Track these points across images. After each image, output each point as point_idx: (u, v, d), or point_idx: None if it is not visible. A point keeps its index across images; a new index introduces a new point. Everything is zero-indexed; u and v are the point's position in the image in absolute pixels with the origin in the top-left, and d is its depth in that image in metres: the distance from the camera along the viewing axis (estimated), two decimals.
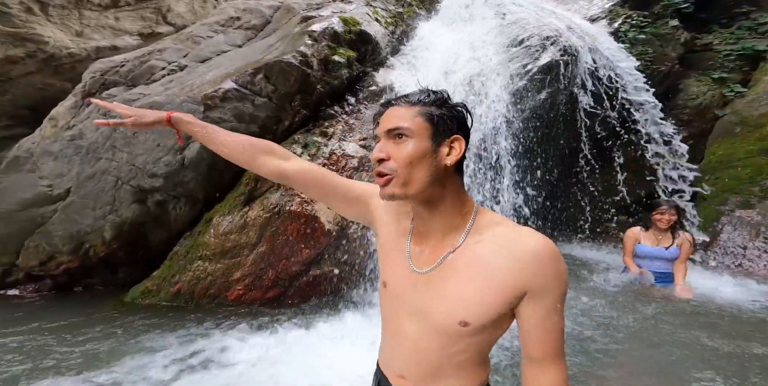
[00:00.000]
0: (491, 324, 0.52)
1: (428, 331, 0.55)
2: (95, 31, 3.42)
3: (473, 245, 0.54)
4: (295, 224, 2.25)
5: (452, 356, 0.55)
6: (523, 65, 3.14)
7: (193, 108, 2.07)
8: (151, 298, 2.16)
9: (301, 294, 2.28)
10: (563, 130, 3.29)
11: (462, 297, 0.53)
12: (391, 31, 3.68)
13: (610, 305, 2.02)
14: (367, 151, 2.66)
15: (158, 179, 2.06)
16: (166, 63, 2.52)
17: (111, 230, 2.09)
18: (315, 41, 2.80)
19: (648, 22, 3.68)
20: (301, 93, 2.62)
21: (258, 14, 3.20)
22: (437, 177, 0.53)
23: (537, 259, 0.50)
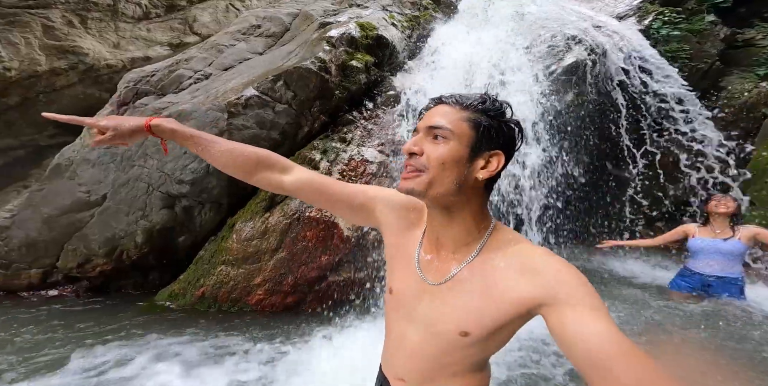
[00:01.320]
0: (490, 336, 0.51)
1: (429, 339, 0.55)
2: (130, 42, 3.52)
3: (484, 262, 0.52)
4: (314, 231, 2.19)
5: (450, 364, 0.54)
6: (547, 66, 2.94)
7: (218, 115, 2.05)
8: (178, 301, 2.18)
9: (319, 300, 2.23)
10: (592, 133, 3.05)
11: (466, 309, 0.51)
12: (408, 35, 3.56)
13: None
14: (385, 156, 2.56)
15: (185, 186, 2.06)
16: (192, 72, 2.53)
17: (142, 234, 2.12)
18: (333, 47, 2.73)
19: (682, 18, 3.35)
20: (320, 99, 2.56)
21: (277, 22, 3.17)
22: (464, 187, 0.50)
23: (546, 271, 0.47)
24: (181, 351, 1.63)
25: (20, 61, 3.02)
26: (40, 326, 1.84)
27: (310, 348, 1.67)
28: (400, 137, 2.63)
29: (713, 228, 2.00)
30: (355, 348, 1.63)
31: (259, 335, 1.82)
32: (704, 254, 1.99)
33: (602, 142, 3.10)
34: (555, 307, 0.44)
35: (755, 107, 3.18)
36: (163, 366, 1.49)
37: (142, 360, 1.53)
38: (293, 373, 1.47)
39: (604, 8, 3.75)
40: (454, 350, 0.53)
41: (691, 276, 2.05)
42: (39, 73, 3.11)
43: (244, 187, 2.29)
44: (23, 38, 2.97)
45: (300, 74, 2.46)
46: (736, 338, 1.59)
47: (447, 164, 0.48)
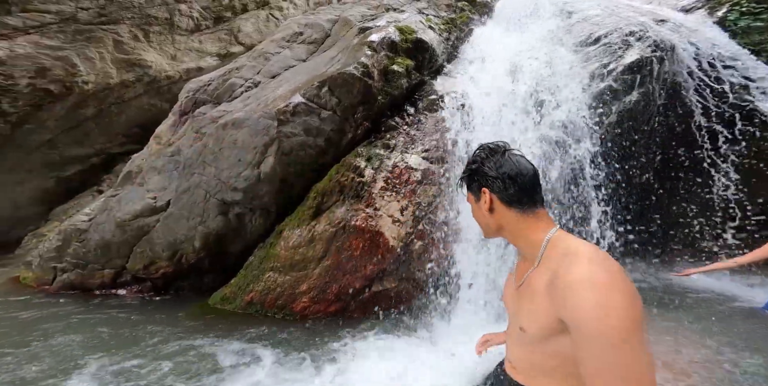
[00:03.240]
0: (546, 339, 0.56)
1: (516, 335, 0.64)
2: (185, 54, 3.61)
3: (539, 273, 0.58)
4: (359, 240, 2.06)
5: (539, 361, 0.59)
6: (604, 65, 2.55)
7: (269, 123, 1.97)
8: (228, 305, 2.16)
9: (362, 309, 2.11)
10: (660, 134, 2.63)
11: (525, 309, 0.61)
12: (446, 37, 3.31)
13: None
14: (429, 163, 2.36)
15: (238, 193, 2.02)
16: (243, 80, 2.48)
17: (200, 239, 2.11)
18: (374, 51, 2.57)
19: (763, 8, 2.78)
20: (363, 104, 2.41)
21: (318, 28, 3.06)
22: (491, 221, 0.65)
23: (568, 289, 0.49)
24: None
25: (96, 74, 3.18)
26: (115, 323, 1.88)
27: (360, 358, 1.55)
28: (446, 142, 2.42)
29: None
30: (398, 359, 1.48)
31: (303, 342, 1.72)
32: None
33: (675, 145, 2.66)
34: (568, 326, 0.49)
35: None
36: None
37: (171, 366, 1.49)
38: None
39: (665, 2, 3.24)
40: (527, 345, 0.60)
41: None
42: (111, 85, 3.27)
43: (291, 194, 2.21)
44: (98, 53, 3.13)
45: (344, 80, 2.32)
46: None
47: (476, 216, 0.69)
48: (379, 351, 1.63)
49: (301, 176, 2.18)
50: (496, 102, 2.47)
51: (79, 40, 3.01)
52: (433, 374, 1.39)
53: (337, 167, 2.22)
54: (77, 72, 3.01)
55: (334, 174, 2.18)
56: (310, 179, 2.25)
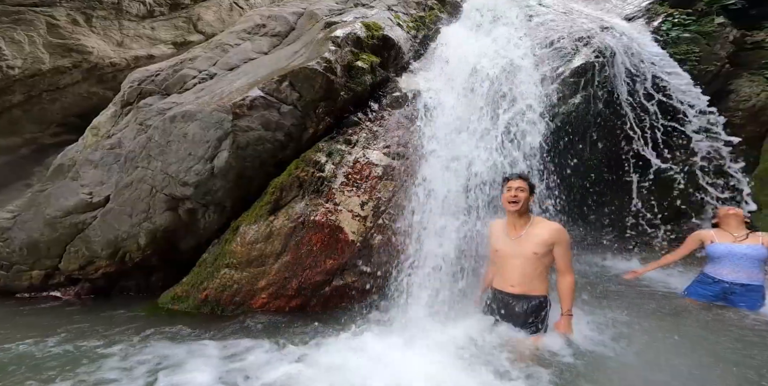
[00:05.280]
0: (544, 254, 1.61)
1: (523, 260, 1.62)
2: (134, 40, 3.45)
3: (532, 229, 1.65)
4: (319, 235, 2.14)
5: (533, 271, 1.61)
6: (554, 68, 2.85)
7: (223, 117, 1.99)
8: (180, 304, 2.12)
9: (323, 304, 2.18)
10: (599, 135, 2.98)
11: (531, 244, 1.62)
12: (413, 35, 3.47)
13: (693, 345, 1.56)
14: (390, 159, 2.49)
15: (189, 188, 2.00)
16: (197, 71, 2.46)
17: (145, 236, 2.06)
18: (338, 47, 2.65)
19: (692, 20, 3.26)
20: (325, 100, 2.49)
21: (282, 21, 3.09)
22: (527, 205, 1.69)
23: (558, 230, 1.62)
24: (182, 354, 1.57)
25: (23, 59, 2.95)
26: (40, 328, 1.78)
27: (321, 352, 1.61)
28: (408, 138, 2.55)
29: (731, 233, 1.89)
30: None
31: (269, 338, 1.75)
32: (729, 259, 1.86)
33: (609, 146, 3.02)
34: (557, 245, 1.60)
35: (763, 110, 3.10)
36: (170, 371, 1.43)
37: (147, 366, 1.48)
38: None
39: (612, 9, 3.65)
40: (533, 262, 1.60)
41: (712, 284, 1.91)
42: (43, 71, 3.05)
43: (248, 189, 2.23)
44: (27, 36, 2.91)
45: (306, 75, 2.39)
46: None
47: (524, 199, 1.66)
48: (334, 346, 1.67)
49: (260, 171, 2.22)
50: (457, 100, 2.66)
51: (6, 23, 2.78)
52: (385, 368, 1.45)
53: (297, 162, 2.28)
54: (1, 56, 2.78)
55: (294, 169, 2.24)
56: (269, 173, 2.29)
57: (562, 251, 1.57)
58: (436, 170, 2.34)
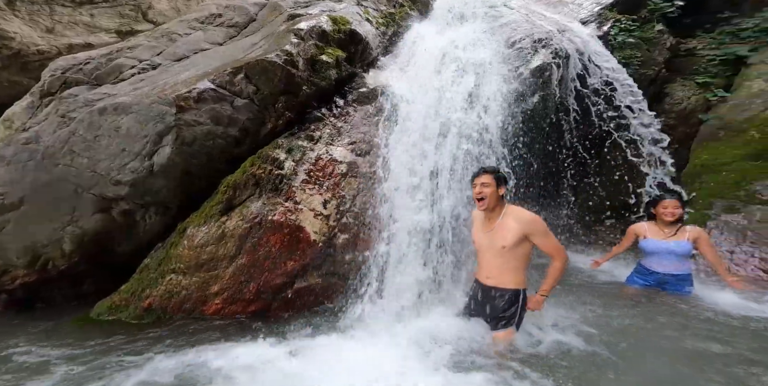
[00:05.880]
0: (514, 248, 1.58)
1: (494, 252, 1.63)
2: (68, 27, 3.08)
3: (504, 221, 1.63)
4: (278, 235, 2.02)
5: (505, 263, 1.61)
6: (515, 67, 2.96)
7: (164, 110, 1.81)
8: (119, 314, 1.91)
9: (286, 307, 2.07)
10: (555, 134, 3.13)
11: (500, 237, 1.61)
12: (383, 31, 3.44)
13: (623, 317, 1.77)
14: (356, 156, 2.43)
15: (123, 187, 1.80)
16: (137, 61, 2.23)
17: (71, 241, 1.82)
18: (301, 40, 2.55)
19: (636, 26, 3.54)
20: (285, 94, 2.38)
21: (242, 11, 2.92)
22: (496, 200, 1.66)
23: (528, 221, 1.59)
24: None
25: None
26: None
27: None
28: (374, 135, 2.51)
29: (662, 229, 2.06)
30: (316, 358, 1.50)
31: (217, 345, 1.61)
32: (658, 255, 2.05)
33: (561, 145, 3.19)
34: (533, 237, 1.58)
35: (693, 113, 3.44)
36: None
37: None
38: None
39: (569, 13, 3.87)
40: (503, 256, 1.60)
41: (648, 275, 2.10)
42: None
43: (197, 188, 2.06)
44: None
45: (263, 67, 2.26)
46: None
47: (491, 195, 1.65)
48: (300, 350, 1.60)
49: (210, 169, 2.06)
50: (422, 97, 2.66)
51: None
52: (348, 371, 1.40)
53: (253, 159, 2.15)
54: None
55: (249, 166, 2.10)
56: (222, 171, 2.13)
57: (541, 240, 1.56)
58: (402, 166, 2.33)
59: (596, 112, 3.02)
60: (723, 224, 2.74)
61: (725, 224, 2.73)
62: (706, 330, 1.69)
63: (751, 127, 3.05)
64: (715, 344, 1.56)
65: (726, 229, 2.70)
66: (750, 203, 2.75)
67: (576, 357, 1.50)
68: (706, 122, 3.31)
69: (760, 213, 2.67)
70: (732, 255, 2.61)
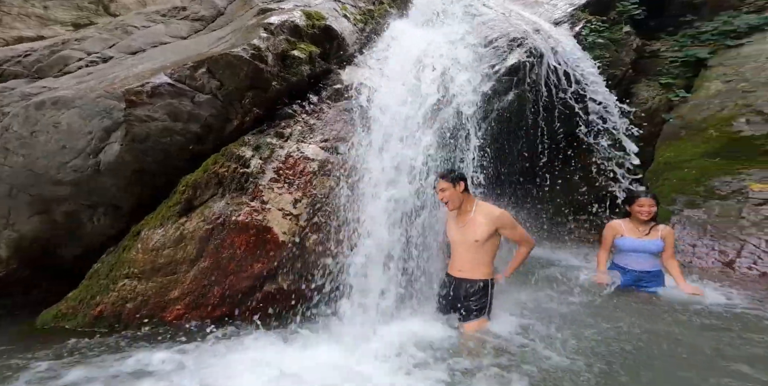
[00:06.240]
0: (485, 242, 1.70)
1: (467, 247, 1.73)
2: (17, 19, 2.84)
3: (475, 216, 1.73)
4: (243, 236, 1.92)
5: (477, 257, 1.71)
6: (492, 66, 2.97)
7: (112, 104, 1.67)
8: (67, 322, 1.77)
9: (254, 311, 1.97)
10: (529, 131, 3.17)
11: (472, 232, 1.70)
12: (360, 28, 3.38)
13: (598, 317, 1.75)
14: (328, 153, 2.36)
15: (65, 187, 1.65)
16: (85, 53, 2.07)
17: (7, 246, 1.65)
18: (271, 34, 2.45)
19: (605, 27, 3.65)
20: (253, 90, 2.27)
21: (208, 5, 2.79)
22: (459, 197, 1.75)
23: (497, 217, 1.70)
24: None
25: None
26: None
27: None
28: (347, 132, 2.44)
29: (637, 227, 2.09)
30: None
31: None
32: (634, 253, 2.08)
33: (538, 141, 3.23)
34: (502, 230, 1.73)
35: (657, 112, 3.58)
36: None
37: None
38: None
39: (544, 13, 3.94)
40: (476, 250, 1.70)
41: (625, 274, 2.11)
42: None
43: (153, 187, 1.93)
44: None
45: (228, 62, 2.15)
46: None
47: (451, 197, 1.73)
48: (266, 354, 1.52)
49: (168, 167, 1.93)
50: (399, 95, 2.62)
51: None
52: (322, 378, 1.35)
53: (216, 156, 2.04)
54: None
55: (211, 165, 1.99)
56: (183, 169, 2.01)
57: (510, 232, 1.72)
58: (377, 164, 2.27)
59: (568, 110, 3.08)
60: (685, 219, 2.85)
61: (687, 219, 2.85)
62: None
63: (709, 126, 3.21)
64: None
65: (688, 223, 2.82)
66: (709, 198, 2.88)
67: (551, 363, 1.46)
68: (668, 122, 3.46)
69: (718, 208, 2.80)
70: (694, 249, 2.72)
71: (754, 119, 3.10)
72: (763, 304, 1.97)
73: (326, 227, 2.10)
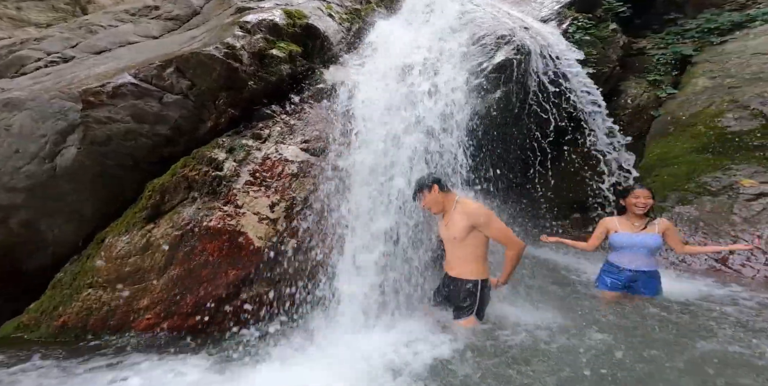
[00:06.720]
0: (465, 239, 1.62)
1: (451, 245, 1.69)
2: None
3: (454, 214, 1.66)
4: (215, 243, 1.82)
5: (462, 254, 1.66)
6: (479, 63, 2.89)
7: (67, 106, 1.57)
8: (30, 334, 1.69)
9: (232, 319, 1.87)
10: (518, 129, 3.10)
11: (452, 229, 1.64)
12: (347, 27, 3.30)
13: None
14: (309, 155, 2.26)
15: (19, 194, 1.55)
16: (44, 53, 1.97)
17: None
18: (248, 33, 2.36)
19: (592, 25, 3.59)
20: (227, 90, 2.18)
21: (183, 4, 2.69)
22: (438, 199, 1.69)
23: (470, 213, 1.61)
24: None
25: None
26: None
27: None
28: (330, 132, 2.35)
29: (632, 222, 1.93)
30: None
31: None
32: (630, 249, 1.91)
33: (526, 139, 3.17)
34: (480, 227, 1.60)
35: (645, 109, 3.53)
36: None
37: None
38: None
39: (531, 11, 3.88)
40: (458, 247, 1.65)
41: (618, 273, 1.97)
42: None
43: (119, 191, 1.83)
44: None
45: (199, 61, 2.05)
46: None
47: (430, 202, 1.69)
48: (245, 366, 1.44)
49: (134, 171, 1.83)
50: (386, 93, 2.53)
51: None
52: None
53: (186, 159, 1.94)
54: None
55: (180, 168, 1.89)
56: (152, 173, 1.91)
57: (489, 231, 1.57)
58: (361, 165, 2.18)
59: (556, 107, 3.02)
60: (677, 216, 2.79)
61: (678, 216, 2.78)
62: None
63: (697, 122, 3.16)
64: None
65: (680, 220, 2.76)
66: (701, 194, 2.82)
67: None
68: (657, 118, 3.41)
69: (710, 204, 2.74)
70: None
71: (741, 115, 3.06)
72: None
73: (306, 231, 2.01)
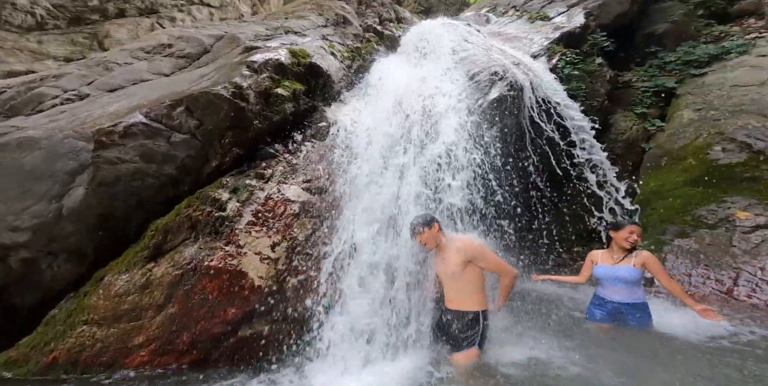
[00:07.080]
0: (462, 275, 1.73)
1: (448, 280, 1.78)
2: (10, 54, 2.87)
3: (448, 251, 1.77)
4: (215, 282, 1.81)
5: (460, 288, 1.76)
6: (476, 100, 3.01)
7: (79, 145, 1.62)
8: (17, 369, 1.64)
9: (229, 357, 1.82)
10: (515, 165, 3.16)
11: (448, 265, 1.76)
12: (348, 65, 3.46)
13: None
14: (310, 194, 2.27)
15: (23, 234, 1.55)
16: (61, 91, 2.04)
17: None
18: (254, 72, 2.47)
19: (580, 59, 3.77)
20: (233, 129, 2.24)
21: (195, 43, 2.85)
22: (436, 237, 1.79)
23: (463, 249, 1.74)
24: None
25: None
26: None
27: None
28: (331, 171, 2.38)
29: (612, 254, 2.00)
30: None
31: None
32: (608, 281, 1.97)
33: (523, 176, 3.20)
34: (476, 261, 1.74)
35: (636, 142, 3.63)
36: None
37: None
38: None
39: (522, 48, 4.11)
40: (456, 281, 1.74)
41: (604, 305, 2.02)
42: None
43: (123, 233, 1.83)
44: None
45: (208, 100, 2.14)
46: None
47: (428, 239, 1.78)
48: None
49: (140, 211, 1.85)
50: (386, 131, 2.60)
51: None
52: None
53: (189, 200, 1.96)
54: None
55: (184, 208, 1.91)
56: (156, 213, 1.92)
57: (484, 263, 1.73)
58: (362, 204, 2.20)
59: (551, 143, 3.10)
60: (677, 249, 2.78)
61: (679, 249, 2.77)
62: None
63: (687, 155, 3.23)
64: None
65: (680, 253, 2.74)
66: (698, 227, 2.83)
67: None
68: (648, 151, 3.49)
69: (708, 237, 2.75)
70: (690, 278, 2.63)
71: (729, 147, 3.15)
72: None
73: (306, 269, 2.00)
